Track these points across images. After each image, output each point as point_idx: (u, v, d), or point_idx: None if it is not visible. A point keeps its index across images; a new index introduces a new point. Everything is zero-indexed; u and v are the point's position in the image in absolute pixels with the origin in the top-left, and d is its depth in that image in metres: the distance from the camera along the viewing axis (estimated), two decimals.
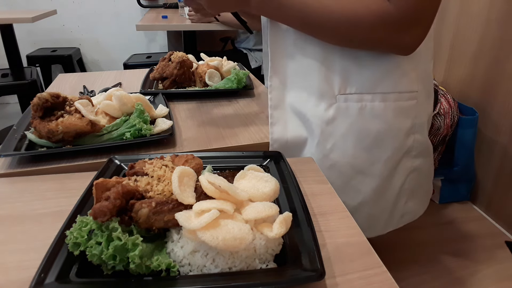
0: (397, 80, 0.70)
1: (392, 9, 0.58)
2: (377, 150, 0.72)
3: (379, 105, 0.70)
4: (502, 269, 1.18)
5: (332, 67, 0.69)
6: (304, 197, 0.50)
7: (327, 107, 0.71)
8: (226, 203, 0.42)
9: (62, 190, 0.56)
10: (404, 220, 0.84)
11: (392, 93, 0.70)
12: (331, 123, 0.71)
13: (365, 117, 0.70)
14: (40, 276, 0.36)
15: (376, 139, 0.72)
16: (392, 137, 0.72)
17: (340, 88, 0.70)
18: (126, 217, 0.41)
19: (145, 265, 0.38)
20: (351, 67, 0.69)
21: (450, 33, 1.59)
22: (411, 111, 0.73)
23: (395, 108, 0.71)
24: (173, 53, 1.04)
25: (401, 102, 0.71)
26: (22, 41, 2.54)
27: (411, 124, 0.73)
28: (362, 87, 0.70)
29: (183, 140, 0.73)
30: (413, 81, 0.71)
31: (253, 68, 2.25)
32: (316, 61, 0.70)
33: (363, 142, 0.72)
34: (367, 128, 0.71)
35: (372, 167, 0.74)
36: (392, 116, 0.71)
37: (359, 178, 0.74)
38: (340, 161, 0.73)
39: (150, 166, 0.46)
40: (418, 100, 0.73)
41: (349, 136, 0.72)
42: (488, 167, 1.48)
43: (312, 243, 0.41)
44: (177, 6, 2.69)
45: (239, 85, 0.99)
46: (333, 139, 0.72)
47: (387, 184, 0.76)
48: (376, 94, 0.69)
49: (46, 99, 0.64)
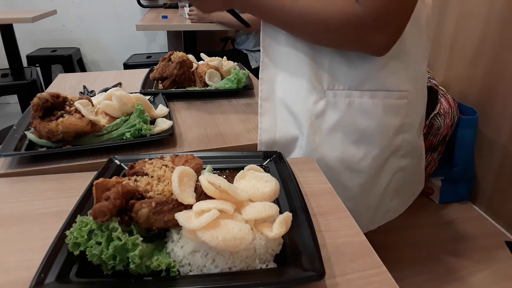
0: (385, 78, 0.70)
1: (359, 10, 0.59)
2: (365, 146, 0.73)
3: (367, 101, 0.70)
4: (502, 269, 1.18)
5: (321, 63, 0.70)
6: (304, 197, 0.50)
7: (316, 101, 0.72)
8: (226, 203, 0.42)
9: (62, 190, 0.56)
10: (386, 217, 0.85)
11: (380, 90, 0.71)
12: (320, 117, 0.72)
13: (354, 112, 0.71)
14: (40, 276, 0.36)
15: (364, 134, 0.72)
16: (380, 134, 0.73)
17: (329, 84, 0.71)
18: (126, 217, 0.41)
19: (145, 265, 0.38)
20: (339, 65, 0.70)
21: (450, 33, 1.59)
22: (401, 110, 0.73)
23: (384, 105, 0.71)
24: (173, 53, 1.04)
25: (390, 100, 0.71)
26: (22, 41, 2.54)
27: (400, 123, 0.73)
28: (350, 84, 0.70)
29: (183, 140, 0.73)
30: (403, 80, 0.72)
31: (253, 68, 2.25)
32: (306, 57, 0.71)
33: (351, 137, 0.72)
34: (356, 123, 0.72)
35: (359, 164, 0.74)
36: (381, 113, 0.71)
37: (347, 174, 0.75)
38: (328, 155, 0.73)
39: (150, 166, 0.46)
40: (409, 100, 0.73)
41: (338, 130, 0.72)
42: (488, 167, 1.48)
43: (312, 243, 0.41)
44: (177, 6, 2.68)
45: (239, 85, 0.99)
46: (321, 132, 0.73)
47: (374, 181, 0.77)
48: (364, 92, 0.70)
49: (46, 99, 0.64)
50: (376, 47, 0.63)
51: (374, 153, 0.74)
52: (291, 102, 0.74)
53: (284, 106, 0.76)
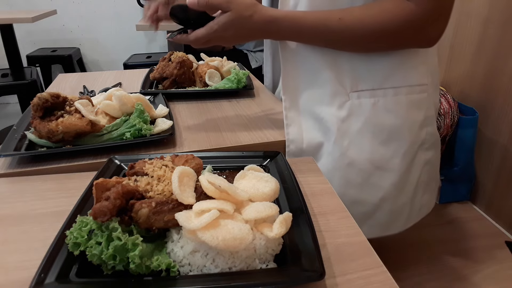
0: (407, 73, 0.71)
1: (414, 9, 0.60)
2: (394, 144, 0.73)
3: (391, 99, 0.71)
4: (502, 269, 1.18)
5: (342, 66, 0.71)
6: (304, 197, 0.50)
7: (341, 106, 0.72)
8: (226, 203, 0.42)
9: (62, 190, 0.56)
10: (421, 213, 0.84)
11: (403, 87, 0.71)
12: (346, 121, 0.72)
13: (379, 112, 0.72)
14: (40, 276, 0.36)
15: (391, 133, 0.72)
16: (407, 131, 0.73)
17: (351, 86, 0.71)
18: (126, 217, 0.41)
19: (145, 265, 0.38)
20: (361, 65, 0.70)
21: (450, 33, 1.59)
22: (422, 104, 0.74)
23: (407, 101, 0.72)
24: (173, 53, 1.04)
25: (413, 95, 0.72)
26: (22, 41, 2.54)
27: (423, 116, 0.75)
28: (373, 82, 0.71)
29: (183, 140, 0.73)
30: (423, 74, 0.73)
31: (253, 68, 2.25)
32: (325, 62, 0.71)
33: (379, 137, 0.73)
34: (382, 123, 0.72)
35: (390, 162, 0.74)
36: (405, 109, 0.72)
37: (379, 174, 0.75)
38: (358, 158, 0.73)
39: (150, 166, 0.46)
40: (428, 93, 0.74)
41: (365, 132, 0.72)
42: (488, 167, 1.48)
43: (312, 243, 0.41)
44: None
45: (239, 85, 0.99)
46: (349, 136, 0.73)
47: (406, 178, 0.77)
48: (387, 89, 0.71)
49: (46, 99, 0.64)
50: (431, 39, 0.65)
51: (403, 150, 0.74)
52: (315, 108, 0.75)
53: (309, 114, 0.76)
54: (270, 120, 0.83)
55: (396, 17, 0.61)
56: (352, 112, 0.72)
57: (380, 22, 0.62)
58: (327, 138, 0.75)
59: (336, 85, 0.71)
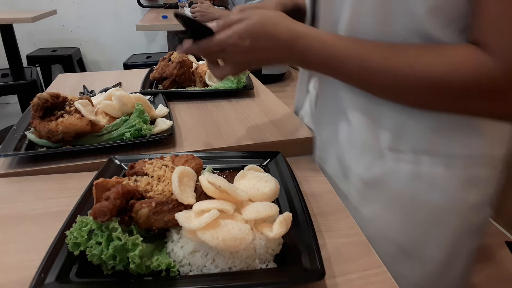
0: (469, 138, 0.51)
1: (494, 67, 0.40)
2: (432, 229, 0.56)
3: (442, 172, 0.52)
4: (502, 269, 1.18)
5: (379, 119, 0.54)
6: (304, 197, 0.50)
7: (371, 162, 0.56)
8: (226, 203, 0.42)
9: (62, 190, 0.56)
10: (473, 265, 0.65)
11: (460, 157, 0.52)
12: (374, 186, 0.57)
13: (421, 185, 0.54)
14: (40, 276, 0.36)
15: (432, 216, 0.55)
16: (454, 215, 0.55)
17: (390, 142, 0.54)
18: (126, 217, 0.41)
19: (145, 265, 0.38)
20: (404, 118, 0.52)
21: None
22: (486, 183, 0.55)
23: (464, 177, 0.53)
24: (173, 53, 1.04)
25: (472, 169, 0.53)
26: (22, 41, 2.54)
27: (482, 198, 0.56)
28: (418, 144, 0.52)
29: (183, 140, 0.73)
30: (496, 141, 0.53)
31: None
32: (356, 111, 0.56)
33: (412, 216, 0.56)
34: (422, 199, 0.54)
35: (421, 249, 0.57)
36: (458, 187, 0.53)
37: (405, 262, 0.58)
38: (378, 236, 0.54)
39: (150, 166, 0.47)
40: (497, 168, 0.55)
41: (394, 206, 0.56)
42: None
43: (312, 243, 0.41)
44: (177, 6, 2.68)
45: (239, 85, 0.99)
46: (372, 205, 0.58)
47: (443, 271, 0.59)
48: (437, 156, 0.52)
49: (46, 99, 0.64)
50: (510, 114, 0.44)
51: (444, 239, 0.56)
52: (344, 158, 0.60)
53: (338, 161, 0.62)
54: (270, 120, 0.83)
55: (465, 75, 0.42)
56: (384, 175, 0.55)
57: (443, 77, 0.43)
58: (344, 197, 0.60)
59: (368, 135, 0.55)
